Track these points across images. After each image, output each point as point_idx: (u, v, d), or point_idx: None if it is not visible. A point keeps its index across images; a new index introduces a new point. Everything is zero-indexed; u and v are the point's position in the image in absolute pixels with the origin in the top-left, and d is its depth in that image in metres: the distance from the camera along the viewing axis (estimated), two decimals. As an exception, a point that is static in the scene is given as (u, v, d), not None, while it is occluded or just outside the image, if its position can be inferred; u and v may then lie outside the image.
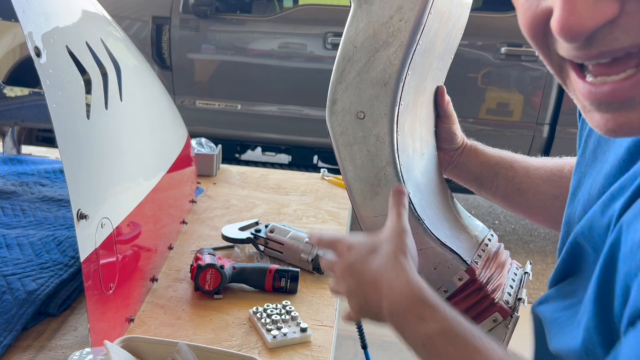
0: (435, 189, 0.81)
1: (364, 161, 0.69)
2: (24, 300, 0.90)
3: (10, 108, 1.61)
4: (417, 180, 0.74)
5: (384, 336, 2.45)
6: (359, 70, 0.67)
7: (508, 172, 0.86)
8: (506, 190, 0.86)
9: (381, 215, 0.69)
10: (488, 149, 0.90)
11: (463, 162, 0.88)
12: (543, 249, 3.47)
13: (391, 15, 0.65)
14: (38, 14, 0.76)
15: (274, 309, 0.94)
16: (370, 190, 0.69)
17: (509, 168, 0.86)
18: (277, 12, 3.53)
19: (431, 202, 0.76)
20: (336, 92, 0.69)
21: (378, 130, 0.67)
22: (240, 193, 1.53)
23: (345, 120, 0.69)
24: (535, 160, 0.87)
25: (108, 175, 0.87)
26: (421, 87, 0.77)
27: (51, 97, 0.70)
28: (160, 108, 1.29)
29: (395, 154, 0.68)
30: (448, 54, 0.85)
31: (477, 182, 0.89)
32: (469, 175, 0.89)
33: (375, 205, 0.69)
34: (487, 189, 0.88)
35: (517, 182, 0.85)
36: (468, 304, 0.69)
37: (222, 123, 3.51)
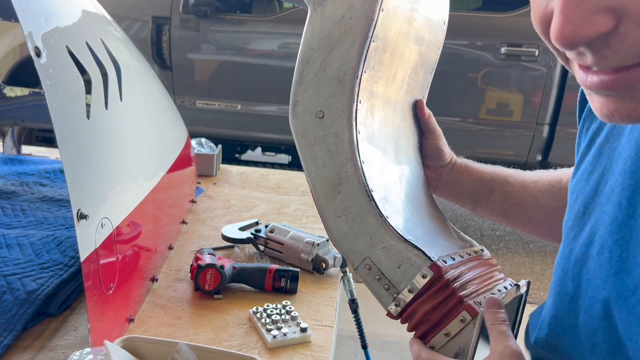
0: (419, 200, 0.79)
1: (325, 160, 0.69)
2: (24, 300, 0.90)
3: (10, 108, 1.61)
4: (386, 181, 0.72)
5: (384, 336, 2.46)
6: (316, 71, 0.68)
7: (504, 187, 0.84)
8: (504, 205, 0.84)
9: (343, 215, 0.68)
10: (480, 165, 0.87)
11: (454, 180, 0.85)
12: (543, 249, 3.47)
13: (342, 14, 0.67)
14: (38, 14, 0.76)
15: (274, 309, 0.94)
16: (332, 189, 0.69)
17: (504, 183, 0.84)
18: (277, 12, 3.53)
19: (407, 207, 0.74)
20: (297, 94, 0.70)
21: (337, 128, 0.68)
22: (240, 193, 1.53)
23: (306, 121, 0.70)
24: (530, 174, 0.86)
25: (108, 175, 0.87)
26: (390, 92, 0.76)
27: (51, 97, 0.70)
28: (160, 108, 1.29)
29: (355, 151, 0.67)
30: (424, 69, 0.83)
31: (471, 200, 0.86)
32: (462, 193, 0.86)
33: (338, 205, 0.68)
34: (483, 205, 0.86)
35: (515, 197, 0.83)
36: (434, 304, 0.64)
37: (222, 123, 3.51)
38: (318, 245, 1.10)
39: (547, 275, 3.10)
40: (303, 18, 0.73)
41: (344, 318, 1.19)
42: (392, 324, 0.74)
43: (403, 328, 0.69)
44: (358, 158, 0.68)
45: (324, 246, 1.12)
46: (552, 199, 0.81)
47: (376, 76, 0.71)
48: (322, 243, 1.11)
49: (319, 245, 1.10)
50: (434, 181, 0.85)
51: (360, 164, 0.68)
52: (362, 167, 0.68)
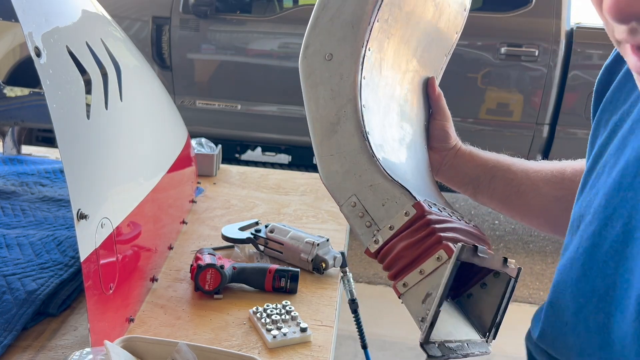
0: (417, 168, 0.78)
1: (326, 100, 0.70)
2: (24, 300, 0.90)
3: (10, 108, 1.61)
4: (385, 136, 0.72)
5: (384, 336, 2.46)
6: (332, 16, 0.70)
7: (506, 174, 0.84)
8: (504, 192, 0.83)
9: (337, 153, 0.69)
10: (484, 152, 0.87)
11: (457, 164, 0.85)
12: (543, 249, 3.47)
13: None
14: (38, 14, 0.76)
15: (274, 309, 0.94)
16: (329, 128, 0.69)
17: (507, 170, 0.84)
18: (277, 12, 3.53)
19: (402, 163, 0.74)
20: (309, 37, 0.71)
21: (342, 70, 0.69)
22: (240, 193, 1.53)
23: (315, 62, 0.71)
24: (533, 163, 0.85)
25: (108, 175, 0.87)
26: (401, 56, 0.77)
27: (51, 97, 0.70)
28: (160, 108, 1.29)
29: (358, 93, 0.68)
30: (439, 48, 0.84)
31: (472, 185, 0.86)
32: (464, 178, 0.86)
33: (332, 144, 0.69)
34: (483, 191, 0.86)
35: (516, 184, 0.83)
36: (412, 240, 0.63)
37: (222, 123, 3.51)
38: (318, 245, 1.10)
39: (547, 275, 3.10)
40: (303, 18, 0.74)
41: (344, 318, 1.19)
42: (392, 324, 0.74)
43: (403, 328, 0.69)
44: (359, 100, 0.68)
45: (324, 246, 1.12)
46: (553, 188, 0.80)
47: (389, 31, 0.72)
48: (322, 243, 1.11)
49: (319, 245, 1.10)
50: (437, 163, 0.85)
51: (360, 106, 0.68)
52: (362, 110, 0.69)
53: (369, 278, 2.96)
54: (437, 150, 0.85)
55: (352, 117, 0.68)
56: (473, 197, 0.87)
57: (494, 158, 0.86)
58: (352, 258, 3.11)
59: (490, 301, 0.68)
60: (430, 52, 0.83)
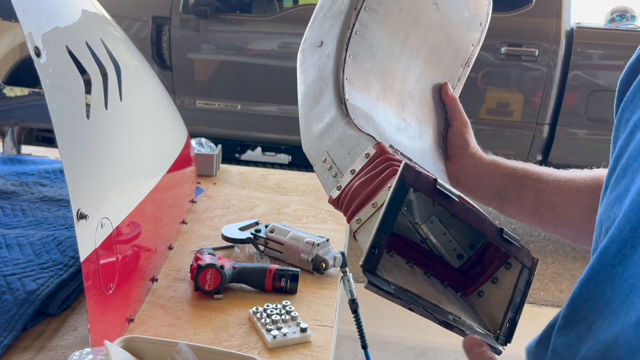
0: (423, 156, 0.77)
1: (314, 78, 0.72)
2: (23, 300, 0.90)
3: (10, 108, 1.61)
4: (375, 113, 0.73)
5: (384, 336, 2.46)
6: (326, 11, 0.75)
7: (537, 184, 0.78)
8: (536, 203, 0.78)
9: (317, 120, 0.70)
10: (510, 161, 0.82)
11: (479, 174, 0.80)
12: (543, 249, 3.47)
13: None
14: (38, 14, 0.76)
15: (274, 309, 0.94)
16: (313, 101, 0.71)
17: (537, 179, 0.78)
18: (277, 12, 3.53)
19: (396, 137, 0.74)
20: (307, 32, 0.76)
21: (329, 50, 0.72)
22: (240, 193, 1.53)
23: (307, 51, 0.75)
24: (564, 172, 0.80)
25: (108, 175, 0.87)
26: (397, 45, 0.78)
27: (51, 97, 0.70)
28: (160, 108, 1.29)
29: (341, 68, 0.71)
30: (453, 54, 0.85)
31: (499, 197, 0.80)
32: (489, 189, 0.81)
33: (315, 113, 0.71)
34: (512, 203, 0.80)
35: (548, 195, 0.78)
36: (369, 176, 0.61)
37: (222, 123, 3.51)
38: (318, 245, 1.10)
39: (547, 275, 3.10)
40: (303, 18, 0.75)
41: (344, 318, 1.19)
42: (392, 324, 0.73)
43: (403, 328, 0.69)
44: (342, 73, 0.70)
45: (324, 246, 1.12)
46: (588, 198, 0.76)
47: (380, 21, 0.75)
48: (322, 243, 1.11)
49: (319, 245, 1.10)
50: (456, 173, 0.81)
51: (342, 78, 0.70)
52: (345, 82, 0.70)
53: (369, 278, 2.96)
54: (456, 159, 0.81)
55: (332, 87, 0.70)
56: (499, 209, 0.82)
57: (521, 167, 0.81)
58: (352, 258, 3.10)
59: (501, 296, 0.67)
60: (441, 56, 0.83)
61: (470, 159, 0.81)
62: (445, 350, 2.36)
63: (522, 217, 0.82)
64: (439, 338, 2.39)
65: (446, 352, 2.36)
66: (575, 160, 3.20)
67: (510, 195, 0.80)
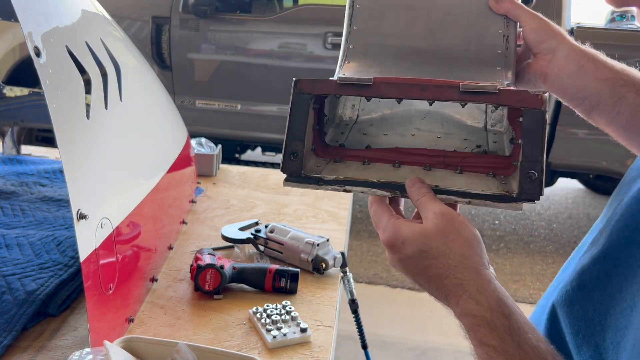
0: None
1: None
2: (23, 300, 0.90)
3: (10, 108, 1.61)
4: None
5: (384, 336, 2.46)
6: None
7: (638, 99, 0.68)
8: (631, 121, 0.69)
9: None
10: (610, 60, 0.71)
11: (573, 72, 0.70)
12: (543, 249, 3.47)
13: None
14: (38, 14, 0.76)
15: (274, 309, 0.94)
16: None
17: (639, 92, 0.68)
18: (277, 12, 3.53)
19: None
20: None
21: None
22: (240, 193, 1.53)
23: None
24: None
25: (108, 175, 0.87)
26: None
27: (51, 97, 0.70)
28: (160, 108, 1.29)
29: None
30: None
31: (590, 102, 0.71)
32: (581, 91, 0.71)
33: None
34: (603, 113, 0.71)
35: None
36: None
37: (222, 123, 3.51)
38: (318, 246, 1.10)
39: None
40: (303, 18, 0.75)
41: (344, 318, 1.19)
42: (392, 324, 0.74)
43: (403, 328, 0.70)
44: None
45: (324, 246, 1.12)
46: None
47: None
48: (322, 243, 1.11)
49: (319, 245, 1.10)
50: (543, 69, 0.72)
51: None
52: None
53: (369, 278, 2.96)
54: (541, 55, 0.72)
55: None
56: (586, 114, 0.73)
57: (625, 72, 0.70)
58: (352, 258, 3.11)
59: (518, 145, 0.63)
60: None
61: (560, 51, 0.71)
62: (446, 350, 2.36)
63: (609, 130, 0.73)
64: (439, 338, 2.39)
65: (447, 352, 2.36)
66: (576, 160, 3.20)
67: (603, 104, 0.70)
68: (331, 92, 0.67)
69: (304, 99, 0.66)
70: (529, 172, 0.60)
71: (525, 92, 0.61)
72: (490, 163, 0.69)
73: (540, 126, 0.60)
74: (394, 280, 2.94)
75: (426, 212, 0.60)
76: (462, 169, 0.69)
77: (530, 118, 0.60)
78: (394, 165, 0.70)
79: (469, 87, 0.62)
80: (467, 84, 0.62)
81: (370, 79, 0.65)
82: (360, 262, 3.11)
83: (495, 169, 0.68)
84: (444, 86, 0.63)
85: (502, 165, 0.68)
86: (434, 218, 0.59)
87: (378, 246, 3.32)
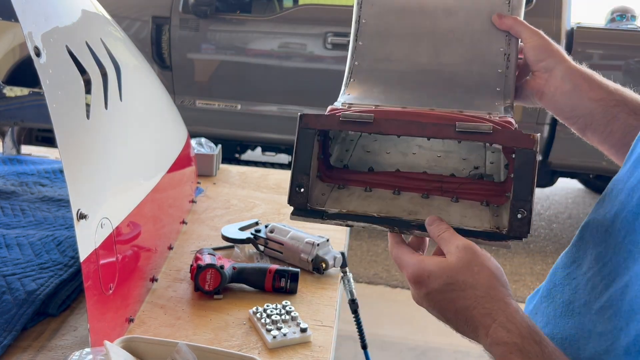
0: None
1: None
2: (23, 300, 0.90)
3: (10, 108, 1.61)
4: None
5: (384, 336, 2.46)
6: None
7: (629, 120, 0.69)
8: (622, 140, 0.70)
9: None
10: (604, 81, 0.72)
11: (568, 92, 0.72)
12: (543, 249, 3.47)
13: None
14: (38, 14, 0.76)
15: (274, 309, 0.94)
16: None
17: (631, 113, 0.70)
18: (277, 12, 3.53)
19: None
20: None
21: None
22: (240, 193, 1.53)
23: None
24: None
25: (108, 175, 0.87)
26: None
27: (51, 97, 0.70)
28: (160, 108, 1.29)
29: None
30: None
31: (584, 121, 0.73)
32: (575, 110, 0.73)
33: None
34: (596, 132, 0.72)
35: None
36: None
37: (222, 123, 3.51)
38: (318, 246, 1.10)
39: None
40: (303, 18, 0.75)
41: (344, 318, 1.19)
42: (392, 324, 0.74)
43: (403, 328, 0.70)
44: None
45: (324, 246, 1.12)
46: None
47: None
48: (322, 243, 1.11)
49: (319, 245, 1.10)
50: (540, 87, 0.74)
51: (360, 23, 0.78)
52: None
53: (369, 278, 2.96)
54: (539, 73, 0.74)
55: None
56: (580, 132, 0.75)
57: (618, 93, 0.71)
58: (352, 258, 3.11)
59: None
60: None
61: (556, 70, 0.73)
62: (446, 350, 2.36)
63: (602, 148, 0.75)
64: (439, 338, 2.39)
65: (447, 352, 2.36)
66: (576, 160, 3.20)
67: (596, 124, 0.72)
68: (334, 127, 0.69)
69: (309, 133, 0.68)
70: (518, 210, 0.63)
71: (518, 133, 0.64)
72: (484, 191, 0.72)
73: (531, 166, 0.63)
74: (394, 280, 2.94)
75: (449, 247, 0.62)
76: (458, 197, 0.72)
77: (521, 158, 0.63)
78: (394, 192, 0.73)
79: (465, 128, 0.64)
80: (464, 123, 0.65)
81: (371, 116, 0.67)
82: (360, 262, 3.11)
83: (489, 198, 0.71)
84: (441, 124, 0.65)
85: (496, 193, 0.71)
86: (457, 252, 0.60)
87: (378, 246, 3.32)
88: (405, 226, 0.67)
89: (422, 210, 0.69)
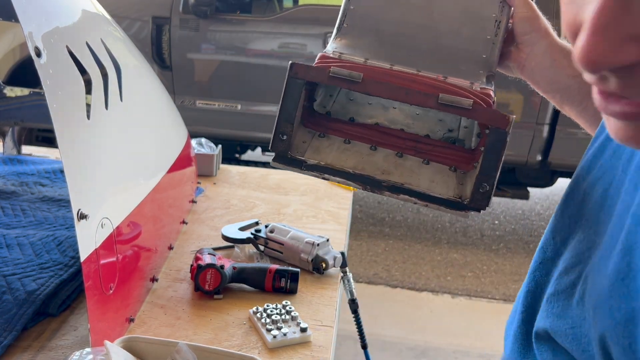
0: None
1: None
2: (24, 300, 0.90)
3: (10, 108, 1.61)
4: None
5: (384, 336, 2.46)
6: None
7: None
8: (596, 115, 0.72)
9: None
10: None
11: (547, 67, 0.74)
12: (543, 249, 3.48)
13: None
14: (38, 14, 0.76)
15: (274, 309, 0.94)
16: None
17: None
18: (277, 12, 3.53)
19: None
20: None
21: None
22: (240, 193, 1.53)
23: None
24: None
25: (108, 175, 0.87)
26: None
27: (51, 97, 0.70)
28: (160, 108, 1.29)
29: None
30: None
31: (561, 96, 0.75)
32: (552, 85, 0.74)
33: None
34: (572, 106, 0.75)
35: None
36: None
37: (222, 123, 3.51)
38: (318, 245, 1.10)
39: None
40: (303, 18, 0.75)
41: (344, 318, 1.19)
42: (392, 324, 0.74)
43: (403, 328, 0.70)
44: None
45: (324, 246, 1.12)
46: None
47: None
48: (322, 243, 1.11)
49: (319, 245, 1.10)
50: (522, 60, 0.75)
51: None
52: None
53: (369, 278, 2.96)
54: (522, 46, 0.75)
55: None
56: (559, 106, 0.78)
57: None
58: (352, 258, 3.11)
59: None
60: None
61: (539, 46, 0.74)
62: (445, 350, 2.36)
63: (579, 122, 0.78)
64: (439, 338, 2.39)
65: (446, 352, 2.36)
66: (575, 160, 3.19)
67: (572, 99, 0.75)
68: (323, 81, 0.69)
69: (297, 83, 0.68)
70: (482, 184, 0.65)
71: (496, 112, 0.65)
72: (455, 156, 0.75)
73: (502, 144, 0.65)
74: (394, 280, 2.94)
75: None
76: (429, 160, 0.74)
77: (494, 136, 0.65)
78: (370, 147, 0.75)
79: (447, 101, 0.66)
80: (446, 95, 0.66)
81: (360, 75, 0.67)
82: (360, 262, 3.11)
83: (457, 163, 0.73)
84: (426, 94, 0.67)
85: (465, 160, 0.73)
86: None
87: (378, 246, 3.32)
88: (377, 186, 0.70)
89: (395, 171, 0.72)
